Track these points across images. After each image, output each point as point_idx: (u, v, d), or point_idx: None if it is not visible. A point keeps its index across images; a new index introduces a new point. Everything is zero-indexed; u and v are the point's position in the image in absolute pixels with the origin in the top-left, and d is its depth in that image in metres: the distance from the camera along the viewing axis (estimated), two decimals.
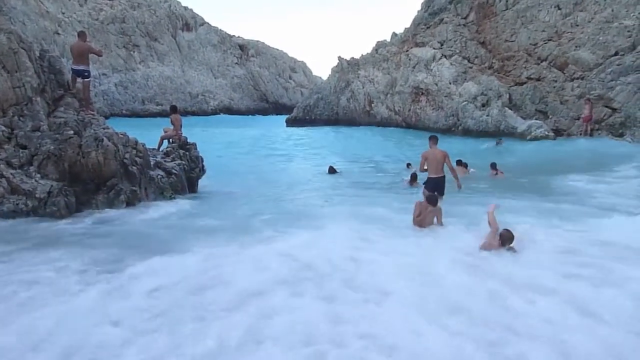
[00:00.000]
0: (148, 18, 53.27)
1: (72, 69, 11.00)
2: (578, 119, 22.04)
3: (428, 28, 29.83)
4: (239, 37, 68.13)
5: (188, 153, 12.37)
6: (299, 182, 14.50)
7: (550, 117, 23.58)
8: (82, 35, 11.32)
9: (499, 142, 21.18)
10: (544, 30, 24.24)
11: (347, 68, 35.60)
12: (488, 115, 24.74)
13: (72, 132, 9.36)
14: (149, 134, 14.36)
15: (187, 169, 11.86)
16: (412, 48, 30.27)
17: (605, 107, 21.42)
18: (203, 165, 12.65)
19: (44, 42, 37.31)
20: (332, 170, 15.52)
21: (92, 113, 10.70)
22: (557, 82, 23.51)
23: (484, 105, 25.11)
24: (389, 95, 31.69)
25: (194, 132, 18.26)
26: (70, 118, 9.79)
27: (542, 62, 24.17)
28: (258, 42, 70.50)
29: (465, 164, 13.94)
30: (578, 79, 22.68)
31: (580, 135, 21.54)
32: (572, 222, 8.04)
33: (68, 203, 8.81)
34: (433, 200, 7.82)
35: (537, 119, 23.42)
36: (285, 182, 14.55)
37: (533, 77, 24.51)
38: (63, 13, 45.35)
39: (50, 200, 8.63)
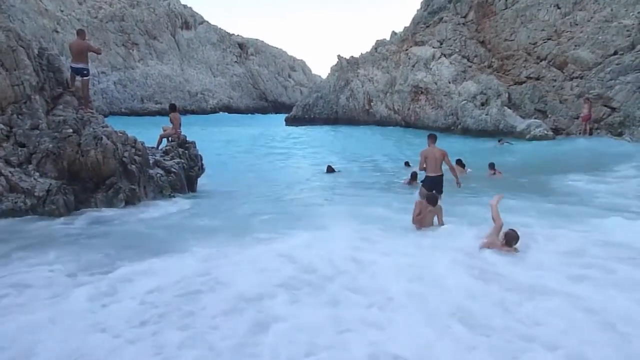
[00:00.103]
0: (147, 16, 53.18)
1: (71, 67, 10.94)
2: (577, 118, 22.07)
3: (427, 27, 29.82)
4: (238, 35, 68.06)
5: (187, 151, 12.35)
6: (298, 181, 14.48)
7: (550, 116, 23.60)
8: (81, 34, 11.26)
9: (501, 141, 21.14)
10: (544, 30, 24.24)
11: (346, 67, 35.54)
12: (487, 115, 24.74)
13: (71, 130, 9.34)
14: (148, 133, 14.35)
15: (186, 168, 11.84)
16: (411, 47, 30.25)
17: (605, 106, 21.45)
18: (202, 164, 12.65)
19: (43, 40, 37.25)
20: (330, 170, 15.48)
21: (91, 111, 10.66)
22: (556, 81, 23.52)
23: (483, 105, 25.11)
24: (389, 94, 31.67)
25: (193, 130, 18.22)
26: (69, 116, 9.76)
27: (541, 61, 24.18)
28: (257, 40, 70.42)
29: (463, 164, 13.93)
30: (577, 78, 22.69)
31: (580, 135, 21.57)
32: (573, 222, 7.99)
33: (67, 201, 8.79)
34: (433, 200, 7.77)
35: (536, 118, 23.45)
36: (284, 181, 14.54)
37: (532, 76, 24.52)
38: (62, 11, 45.26)
39: (49, 199, 8.60)
